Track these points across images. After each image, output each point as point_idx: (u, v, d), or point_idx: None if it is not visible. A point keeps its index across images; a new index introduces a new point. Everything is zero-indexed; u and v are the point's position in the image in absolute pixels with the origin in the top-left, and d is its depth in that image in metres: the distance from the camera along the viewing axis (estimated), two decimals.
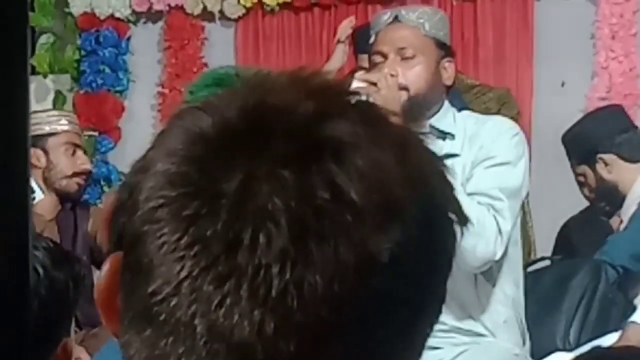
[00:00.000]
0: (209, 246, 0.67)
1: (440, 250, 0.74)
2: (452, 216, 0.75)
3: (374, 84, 2.76)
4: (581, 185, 3.85)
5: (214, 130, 0.70)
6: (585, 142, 3.78)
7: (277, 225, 0.66)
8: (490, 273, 2.87)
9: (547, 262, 3.81)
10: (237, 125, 0.70)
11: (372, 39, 2.95)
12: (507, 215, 2.78)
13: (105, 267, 0.72)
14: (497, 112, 4.02)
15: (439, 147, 2.83)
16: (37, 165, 3.83)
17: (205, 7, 5.51)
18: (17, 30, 0.44)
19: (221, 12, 5.50)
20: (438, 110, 2.92)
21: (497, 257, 2.78)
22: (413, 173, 0.71)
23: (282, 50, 5.46)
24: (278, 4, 5.41)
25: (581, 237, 3.88)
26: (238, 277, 0.66)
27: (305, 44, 5.43)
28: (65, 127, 3.94)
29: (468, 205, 2.73)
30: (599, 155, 3.71)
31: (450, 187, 0.75)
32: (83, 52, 5.73)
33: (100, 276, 0.73)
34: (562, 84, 5.07)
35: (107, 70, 5.71)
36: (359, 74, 2.85)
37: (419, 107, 2.85)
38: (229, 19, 5.52)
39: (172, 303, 0.68)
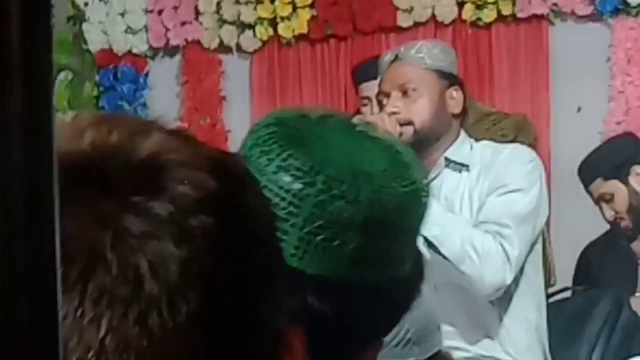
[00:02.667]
0: (115, 295, 0.68)
1: (250, 239, 0.75)
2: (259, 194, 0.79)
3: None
4: (605, 203, 3.82)
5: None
6: (621, 153, 3.76)
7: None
8: (512, 299, 2.88)
9: (569, 292, 3.80)
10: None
11: (379, 82, 3.02)
12: (514, 242, 2.78)
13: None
14: (514, 139, 4.01)
15: (455, 179, 2.87)
16: None
17: (222, 41, 5.55)
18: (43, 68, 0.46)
19: (237, 45, 5.54)
20: (454, 141, 2.94)
21: (507, 282, 2.78)
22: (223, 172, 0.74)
23: (297, 81, 5.49)
24: (294, 36, 5.44)
25: (601, 263, 3.86)
26: (147, 308, 0.68)
27: (321, 75, 5.46)
28: None
29: (474, 236, 2.75)
30: (634, 167, 3.68)
31: (241, 163, 0.80)
32: (101, 88, 5.77)
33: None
34: (578, 109, 5.08)
35: (126, 105, 5.74)
36: (356, 118, 2.90)
37: (426, 139, 2.88)
38: (245, 52, 5.56)
39: None
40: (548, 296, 3.32)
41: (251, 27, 5.48)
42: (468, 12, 5.19)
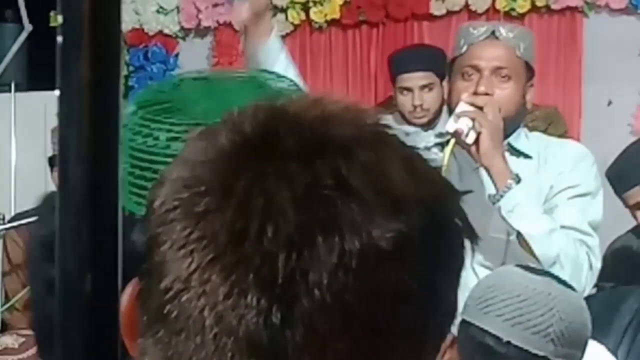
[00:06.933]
0: (216, 239, 0.67)
1: (445, 250, 0.73)
2: (461, 228, 0.74)
3: (480, 108, 2.72)
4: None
5: (228, 138, 0.72)
6: None
7: (284, 215, 0.67)
8: None
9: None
10: (248, 131, 0.72)
11: (462, 49, 2.86)
12: (598, 252, 2.76)
13: (127, 292, 0.73)
14: (544, 131, 4.00)
15: (514, 164, 2.81)
16: None
17: None
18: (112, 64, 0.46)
19: None
20: (515, 130, 2.87)
21: (586, 294, 2.75)
22: (417, 174, 0.72)
23: (329, 67, 5.48)
24: (326, 21, 5.43)
25: (630, 260, 3.83)
26: (245, 267, 0.67)
27: (352, 61, 5.44)
28: None
29: (569, 243, 2.70)
30: None
31: (458, 198, 0.76)
32: (131, 68, 5.78)
33: (122, 302, 0.73)
34: (609, 103, 5.05)
35: None
36: (465, 96, 2.78)
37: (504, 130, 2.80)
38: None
39: (183, 298, 0.68)
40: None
41: (283, 10, 5.47)
42: (502, 1, 5.16)
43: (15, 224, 4.00)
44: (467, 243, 0.75)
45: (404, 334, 0.70)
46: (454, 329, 2.00)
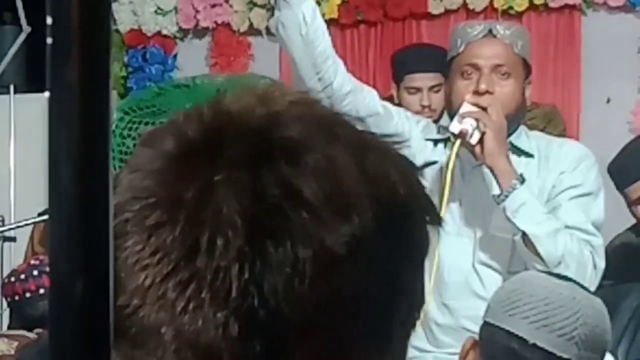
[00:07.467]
0: (169, 253, 0.68)
1: (404, 245, 0.73)
2: (422, 216, 0.74)
3: (484, 109, 2.73)
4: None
5: (175, 144, 0.71)
6: None
7: (234, 227, 0.67)
8: None
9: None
10: (194, 136, 0.71)
11: (460, 49, 2.87)
12: (601, 252, 2.76)
13: None
14: (543, 129, 3.99)
15: (515, 163, 2.81)
16: None
17: (251, 24, 5.54)
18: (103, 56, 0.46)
19: (267, 28, 5.53)
20: (516, 129, 2.88)
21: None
22: (370, 169, 0.71)
23: None
24: (324, 21, 5.41)
25: (629, 258, 3.83)
26: (199, 281, 0.67)
27: (350, 60, 5.43)
28: None
29: (574, 244, 2.70)
30: None
31: (419, 188, 0.75)
32: (130, 69, 5.78)
33: None
34: (608, 101, 5.05)
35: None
36: (469, 97, 2.79)
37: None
38: (275, 35, 5.54)
39: (141, 314, 0.68)
40: None
41: None
42: (500, 0, 5.16)
43: (12, 225, 4.00)
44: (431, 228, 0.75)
45: (366, 332, 0.71)
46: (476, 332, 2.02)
